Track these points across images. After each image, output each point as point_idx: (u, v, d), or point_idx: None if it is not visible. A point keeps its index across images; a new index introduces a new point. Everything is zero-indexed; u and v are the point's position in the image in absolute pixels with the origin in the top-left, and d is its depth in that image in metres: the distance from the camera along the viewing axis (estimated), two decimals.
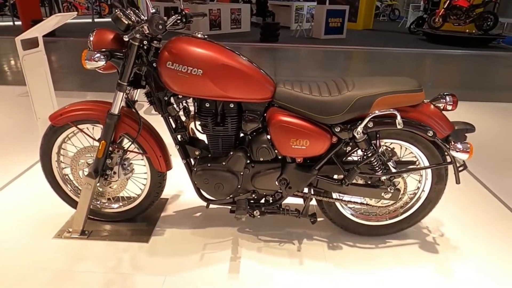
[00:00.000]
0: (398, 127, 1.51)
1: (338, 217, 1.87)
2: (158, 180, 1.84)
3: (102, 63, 1.43)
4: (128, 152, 1.79)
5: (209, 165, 1.68)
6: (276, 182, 1.71)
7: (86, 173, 1.74)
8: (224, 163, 1.67)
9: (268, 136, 1.62)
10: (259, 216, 1.77)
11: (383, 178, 1.68)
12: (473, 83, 5.60)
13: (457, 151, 1.54)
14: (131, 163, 1.85)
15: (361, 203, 1.80)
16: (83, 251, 1.76)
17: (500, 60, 7.82)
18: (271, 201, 1.80)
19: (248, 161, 1.68)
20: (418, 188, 1.83)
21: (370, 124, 1.54)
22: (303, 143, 1.57)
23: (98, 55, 1.43)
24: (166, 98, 1.64)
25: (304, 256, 1.78)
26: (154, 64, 1.55)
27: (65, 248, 1.77)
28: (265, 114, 1.63)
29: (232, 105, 1.60)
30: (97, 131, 1.77)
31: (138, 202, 1.91)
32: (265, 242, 1.86)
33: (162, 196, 2.19)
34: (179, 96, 1.63)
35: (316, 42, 9.45)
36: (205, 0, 11.07)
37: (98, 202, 1.95)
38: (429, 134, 1.54)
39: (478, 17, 9.86)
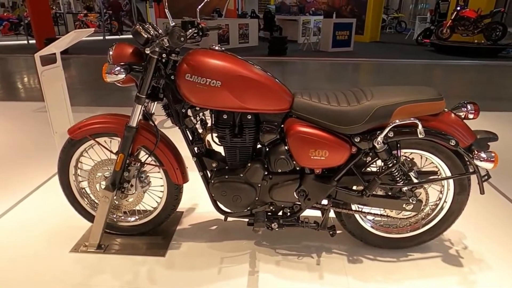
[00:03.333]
0: (420, 136, 1.48)
1: (357, 230, 1.82)
2: (174, 192, 1.83)
3: (122, 76, 1.45)
4: (145, 165, 1.79)
5: (226, 177, 1.67)
6: (295, 194, 1.69)
7: (103, 187, 1.74)
8: (241, 175, 1.66)
9: (286, 147, 1.61)
10: (277, 229, 1.74)
11: (405, 189, 1.65)
12: (487, 93, 5.54)
13: (481, 160, 1.51)
14: (148, 175, 1.84)
15: (381, 215, 1.76)
16: (99, 265, 1.74)
17: (511, 69, 7.75)
18: (289, 213, 1.78)
19: (266, 173, 1.66)
20: (440, 199, 1.79)
21: (391, 134, 1.51)
22: (322, 153, 1.55)
23: (118, 68, 1.44)
24: (184, 110, 1.65)
25: (324, 270, 1.73)
26: (172, 77, 1.56)
27: (82, 262, 1.75)
28: (282, 125, 1.62)
29: (249, 117, 1.59)
30: (114, 144, 1.78)
31: (154, 215, 1.89)
32: (283, 256, 1.82)
33: (177, 209, 2.19)
34: (197, 108, 1.64)
35: (323, 55, 9.50)
36: (213, 16, 11.28)
37: (114, 216, 1.94)
38: (452, 144, 1.51)
39: (486, 28, 9.84)
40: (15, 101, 4.85)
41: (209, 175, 1.78)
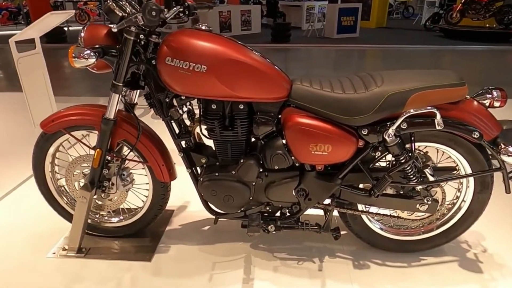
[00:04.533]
0: (438, 128, 1.28)
1: (364, 232, 1.64)
2: (161, 191, 1.65)
3: (92, 60, 1.25)
4: (127, 161, 1.61)
5: (216, 174, 1.49)
6: (294, 193, 1.50)
7: (82, 185, 1.57)
8: (233, 172, 1.47)
9: (284, 141, 1.41)
10: (274, 232, 1.56)
11: (419, 187, 1.45)
12: (504, 79, 5.26)
13: (509, 155, 1.30)
14: (131, 173, 1.66)
15: (391, 216, 1.57)
16: (80, 272, 1.58)
17: None
18: (288, 214, 1.59)
19: (261, 170, 1.47)
20: (458, 197, 1.59)
21: (404, 125, 1.31)
22: (324, 148, 1.36)
23: (88, 52, 1.25)
24: (168, 100, 1.45)
25: (327, 276, 1.56)
26: (153, 61, 1.36)
27: (61, 269, 1.59)
28: (279, 116, 1.42)
29: (242, 106, 1.40)
30: (93, 138, 1.60)
31: (140, 216, 1.72)
32: (281, 260, 1.65)
33: (167, 208, 2.02)
34: (182, 97, 1.44)
35: (328, 42, 9.19)
36: (214, 3, 10.95)
37: (97, 216, 1.78)
38: (475, 136, 1.30)
39: (498, 11, 9.43)
40: (12, 92, 4.67)
41: (198, 171, 1.59)
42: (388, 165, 1.55)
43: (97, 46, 1.31)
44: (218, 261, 1.64)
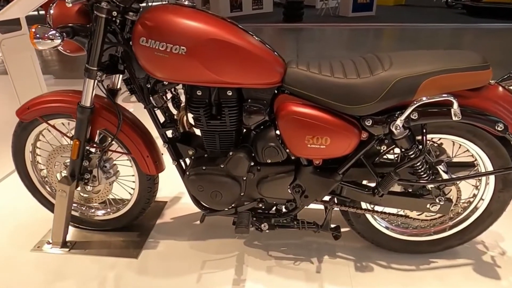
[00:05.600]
0: (454, 119, 1.10)
1: (368, 231, 1.49)
2: (147, 184, 1.53)
3: (58, 41, 1.11)
4: (107, 152, 1.49)
5: (203, 168, 1.35)
6: (289, 190, 1.36)
7: (61, 177, 1.46)
8: (222, 166, 1.33)
9: (277, 132, 1.26)
10: (267, 231, 1.43)
11: (430, 186, 1.28)
12: None
13: None
14: (115, 164, 1.55)
15: (398, 215, 1.41)
16: (62, 267, 1.50)
17: None
18: (283, 210, 1.45)
19: (253, 163, 1.33)
20: (475, 195, 1.41)
21: (414, 115, 1.13)
22: (322, 141, 1.19)
23: (53, 32, 1.11)
24: (149, 86, 1.31)
25: (325, 279, 1.43)
26: (130, 42, 1.21)
27: (43, 264, 1.52)
28: (273, 104, 1.26)
29: (230, 93, 1.24)
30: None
31: (126, 210, 1.61)
32: (276, 260, 1.52)
33: (160, 199, 1.92)
34: (165, 82, 1.30)
35: (343, 21, 8.79)
36: None
37: (83, 209, 1.68)
38: (498, 128, 1.12)
39: None
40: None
41: (187, 164, 1.46)
42: (395, 159, 1.38)
43: (65, 25, 1.17)
44: (209, 259, 1.53)
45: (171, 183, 2.04)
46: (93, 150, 1.47)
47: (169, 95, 1.38)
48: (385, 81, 1.11)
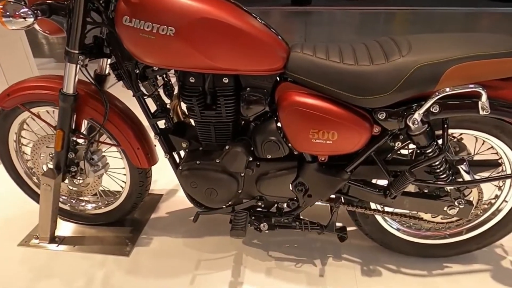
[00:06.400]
0: (482, 113, 0.95)
1: (377, 232, 1.37)
2: (139, 178, 1.42)
3: (30, 20, 0.98)
4: (94, 143, 1.38)
5: (197, 162, 1.23)
6: (291, 188, 1.23)
7: (45, 170, 1.36)
8: (217, 161, 1.21)
9: (279, 124, 1.13)
10: (267, 231, 1.32)
11: (449, 188, 1.14)
12: None
13: None
14: (104, 156, 1.44)
15: (411, 216, 1.28)
16: (49, 264, 1.41)
17: None
18: (284, 209, 1.34)
19: (251, 159, 1.21)
20: (497, 197, 1.28)
21: (435, 108, 0.99)
22: (328, 136, 1.06)
23: (25, 10, 0.98)
24: (138, 71, 1.18)
25: (328, 283, 1.32)
26: None
27: (29, 259, 1.43)
28: (274, 93, 1.12)
29: (226, 80, 1.11)
30: None
31: (117, 204, 1.52)
32: (276, 261, 1.42)
33: (156, 192, 1.82)
34: (154, 67, 1.17)
35: (354, 3, 8.45)
36: None
37: (74, 201, 1.59)
38: None
39: None
40: None
41: (181, 156, 1.35)
42: (409, 155, 1.24)
43: (42, 2, 1.04)
44: (204, 259, 1.43)
45: (167, 174, 1.93)
46: (80, 141, 1.37)
47: (160, 82, 1.25)
48: (402, 68, 0.96)
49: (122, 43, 1.05)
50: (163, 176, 1.92)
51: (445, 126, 1.04)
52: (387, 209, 1.28)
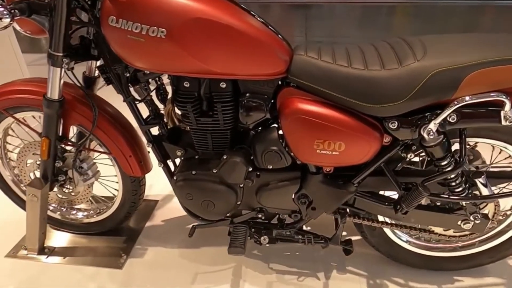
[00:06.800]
0: (505, 123, 0.87)
1: (384, 244, 1.29)
2: (132, 186, 1.34)
3: (6, 20, 0.90)
4: (83, 151, 1.29)
5: (193, 173, 1.15)
6: (293, 200, 1.15)
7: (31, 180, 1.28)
8: (214, 171, 1.13)
9: (281, 132, 1.04)
10: (267, 245, 1.24)
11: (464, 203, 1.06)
12: None
13: None
14: (94, 163, 1.35)
15: (421, 229, 1.20)
16: (38, 276, 1.34)
17: None
18: (287, 220, 1.26)
19: (251, 169, 1.12)
20: None
21: (453, 118, 0.90)
22: (334, 146, 0.98)
23: (0, 9, 0.88)
24: (128, 75, 1.09)
25: None
26: None
27: (18, 271, 1.36)
28: (276, 99, 1.03)
29: (223, 85, 1.02)
30: None
31: (109, 213, 1.44)
32: (278, 274, 1.34)
33: (151, 198, 1.74)
34: (145, 71, 1.08)
35: None
36: None
37: (64, 210, 1.51)
38: None
39: None
40: None
41: (176, 165, 1.26)
42: (421, 161, 1.16)
43: (20, 0, 0.95)
44: (201, 272, 1.36)
45: (163, 179, 1.83)
46: (69, 148, 1.28)
47: (153, 86, 1.16)
48: (418, 74, 0.87)
49: (109, 45, 0.96)
50: (159, 180, 1.83)
51: (463, 136, 0.96)
52: (395, 221, 1.20)
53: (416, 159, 1.17)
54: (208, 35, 0.89)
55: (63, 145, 1.25)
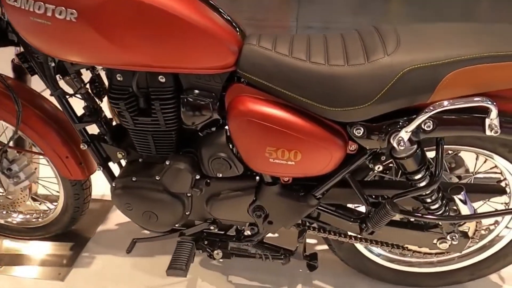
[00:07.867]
0: (489, 133, 0.72)
1: (354, 258, 1.17)
2: (73, 190, 1.19)
3: None
4: (8, 151, 1.13)
5: (134, 179, 0.99)
6: (249, 212, 1.01)
7: None
8: (157, 178, 0.97)
9: (229, 135, 0.89)
10: (221, 260, 1.10)
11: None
12: None
13: None
14: (27, 165, 1.19)
15: (392, 245, 1.07)
16: None
17: None
18: (243, 234, 1.12)
19: (199, 176, 0.97)
20: (497, 222, 1.06)
21: (428, 125, 0.75)
22: (289, 156, 0.82)
23: None
24: (54, 64, 0.92)
25: None
26: None
27: None
28: (224, 97, 0.87)
29: (162, 79, 0.85)
30: None
31: (52, 218, 1.28)
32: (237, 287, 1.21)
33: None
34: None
35: None
36: None
37: (5, 213, 1.35)
38: None
39: None
40: None
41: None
42: (394, 178, 1.02)
43: None
44: (153, 285, 1.22)
45: None
46: None
47: (88, 77, 1.00)
48: (387, 71, 0.72)
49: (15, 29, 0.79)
50: None
51: (440, 146, 0.81)
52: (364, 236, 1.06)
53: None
54: (132, 18, 0.72)
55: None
